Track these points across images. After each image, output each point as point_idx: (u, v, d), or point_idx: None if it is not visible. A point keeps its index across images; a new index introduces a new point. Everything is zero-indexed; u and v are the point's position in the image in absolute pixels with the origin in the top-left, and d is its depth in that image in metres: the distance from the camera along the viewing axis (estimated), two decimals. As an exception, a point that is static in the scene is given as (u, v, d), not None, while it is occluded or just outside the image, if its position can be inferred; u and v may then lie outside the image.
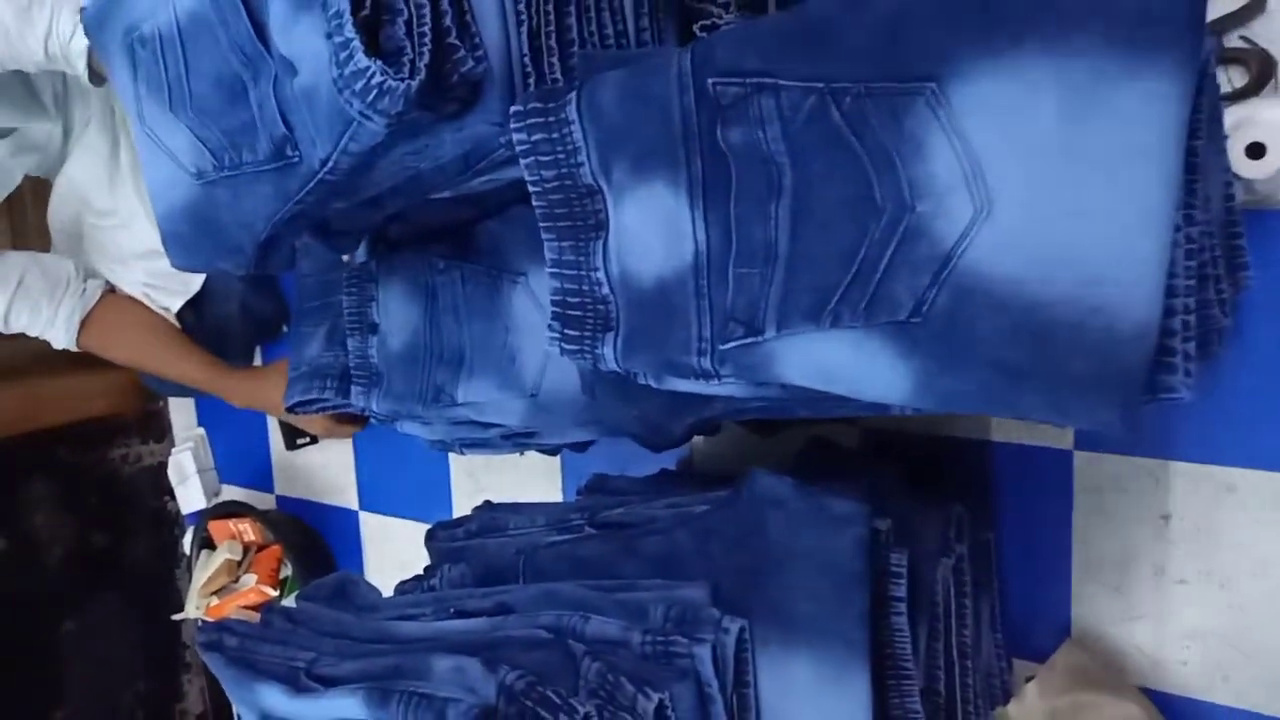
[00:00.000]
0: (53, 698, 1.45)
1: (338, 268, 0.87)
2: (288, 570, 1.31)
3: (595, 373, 0.57)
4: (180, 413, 1.55)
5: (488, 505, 0.83)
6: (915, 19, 0.41)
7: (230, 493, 1.48)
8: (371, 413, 0.83)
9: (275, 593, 1.31)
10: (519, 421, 0.75)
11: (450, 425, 0.83)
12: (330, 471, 1.34)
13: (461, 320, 0.77)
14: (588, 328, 0.52)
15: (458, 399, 0.76)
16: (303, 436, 1.34)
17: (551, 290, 0.53)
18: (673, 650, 0.49)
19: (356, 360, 0.83)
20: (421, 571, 0.70)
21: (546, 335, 0.54)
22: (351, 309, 0.83)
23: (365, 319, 0.83)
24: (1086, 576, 0.77)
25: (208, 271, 1.10)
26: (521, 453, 0.86)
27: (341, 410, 0.92)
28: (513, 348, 0.73)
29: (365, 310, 0.83)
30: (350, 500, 1.33)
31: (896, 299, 0.41)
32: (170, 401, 1.56)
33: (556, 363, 0.67)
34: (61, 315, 1.07)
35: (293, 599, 0.85)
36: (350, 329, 0.83)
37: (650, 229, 0.49)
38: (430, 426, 0.85)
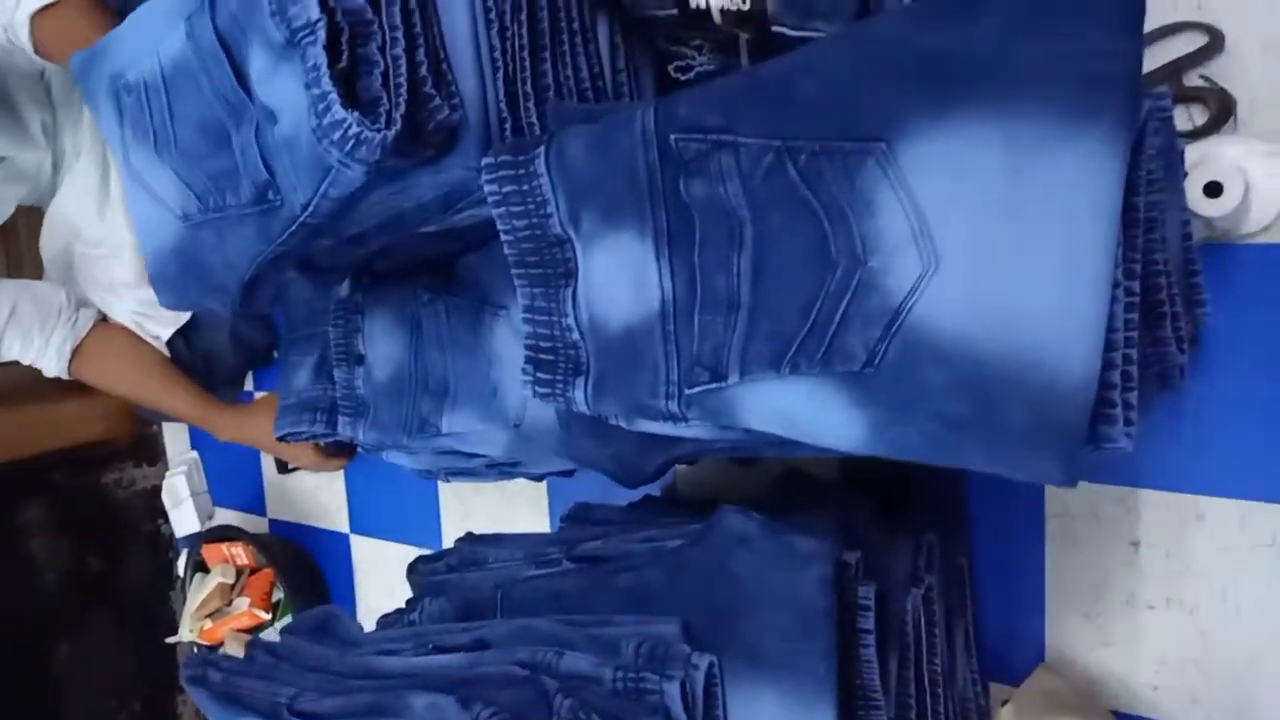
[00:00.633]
0: (49, 720, 1.46)
1: (325, 296, 0.88)
2: (280, 593, 1.32)
3: (570, 413, 0.59)
4: (174, 436, 1.56)
5: (469, 537, 0.84)
6: (867, 80, 0.43)
7: (223, 516, 1.49)
8: (358, 442, 0.84)
9: (268, 616, 1.32)
10: (502, 452, 0.76)
11: (435, 455, 0.84)
12: (322, 495, 1.35)
13: (446, 352, 0.78)
14: (559, 371, 0.53)
15: (442, 429, 0.78)
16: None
17: (525, 335, 0.55)
18: (643, 687, 0.50)
19: (343, 391, 0.84)
20: (404, 604, 0.71)
21: (521, 377, 0.55)
22: (338, 340, 0.84)
23: (352, 350, 0.84)
24: (1060, 602, 0.78)
25: (195, 310, 1.11)
26: (507, 479, 0.87)
27: (330, 440, 0.93)
28: (495, 380, 0.74)
29: (352, 342, 0.84)
30: (341, 524, 1.34)
31: (850, 350, 0.42)
32: (164, 425, 1.56)
33: (537, 396, 0.68)
34: (53, 344, 1.07)
35: (281, 626, 0.86)
36: (337, 360, 0.84)
37: (618, 277, 0.50)
38: (416, 456, 0.86)
